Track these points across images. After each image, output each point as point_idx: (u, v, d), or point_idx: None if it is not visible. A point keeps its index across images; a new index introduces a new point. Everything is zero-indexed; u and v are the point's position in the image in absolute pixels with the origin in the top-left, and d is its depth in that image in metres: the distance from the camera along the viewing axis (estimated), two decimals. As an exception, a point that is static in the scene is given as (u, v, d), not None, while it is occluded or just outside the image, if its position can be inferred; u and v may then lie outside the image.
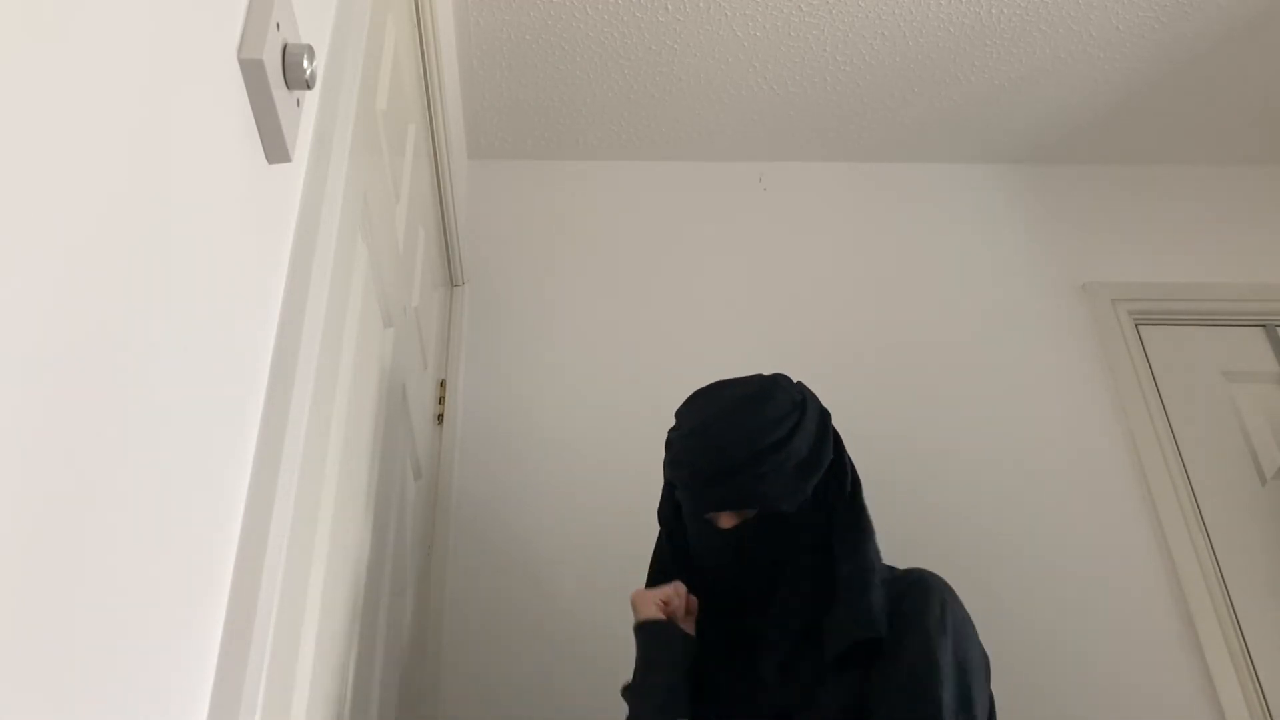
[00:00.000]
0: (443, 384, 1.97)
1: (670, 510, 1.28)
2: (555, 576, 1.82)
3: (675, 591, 1.19)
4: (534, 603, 1.80)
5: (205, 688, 0.65)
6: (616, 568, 1.83)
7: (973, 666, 1.06)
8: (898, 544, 1.28)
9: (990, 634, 1.17)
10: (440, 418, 1.94)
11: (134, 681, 0.54)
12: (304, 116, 0.86)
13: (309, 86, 0.78)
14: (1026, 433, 2.01)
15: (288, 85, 0.77)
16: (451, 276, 2.09)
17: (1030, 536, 1.89)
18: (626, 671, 1.20)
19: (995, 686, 1.13)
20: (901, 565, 1.22)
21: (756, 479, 1.12)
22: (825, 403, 1.26)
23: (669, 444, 1.23)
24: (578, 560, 1.84)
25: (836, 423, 1.26)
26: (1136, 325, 2.16)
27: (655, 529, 1.84)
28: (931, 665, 1.02)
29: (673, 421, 1.26)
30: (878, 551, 1.17)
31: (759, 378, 1.23)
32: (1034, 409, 2.04)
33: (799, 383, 1.25)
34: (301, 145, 0.87)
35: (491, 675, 1.73)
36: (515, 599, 1.80)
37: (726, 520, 1.16)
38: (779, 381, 1.22)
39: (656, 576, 1.26)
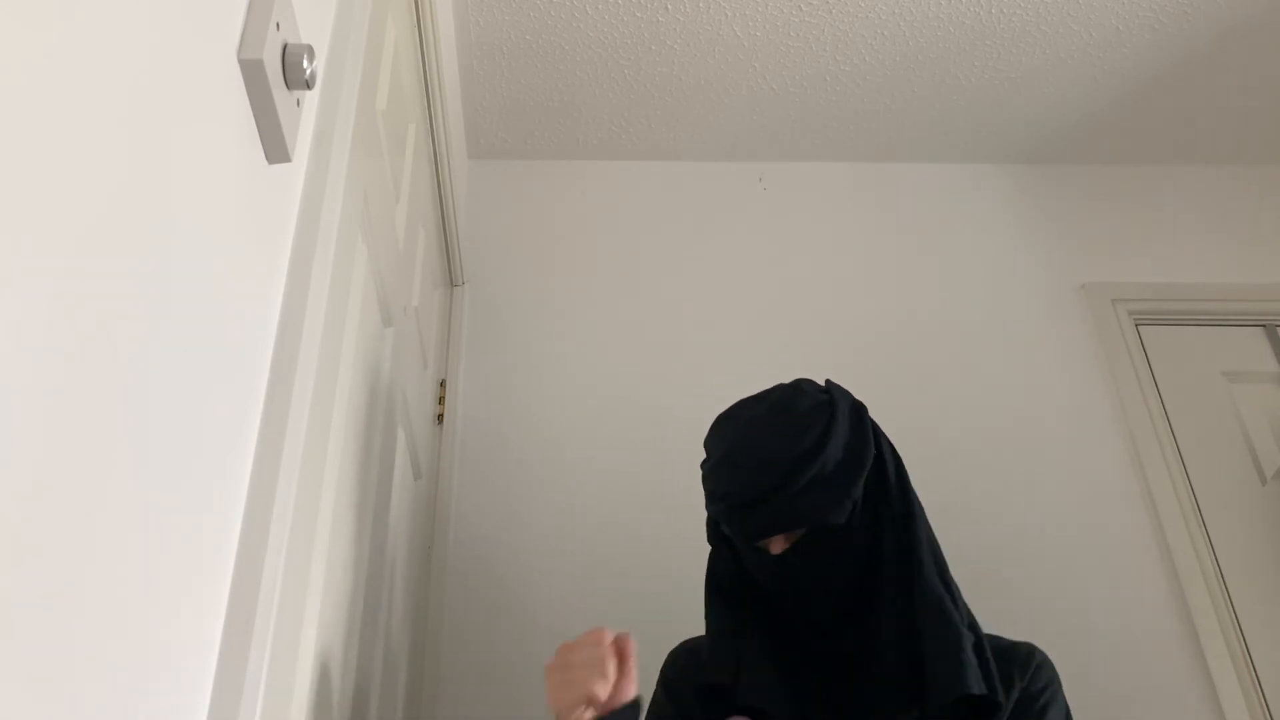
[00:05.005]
0: (443, 384, 1.97)
1: (720, 537, 1.19)
2: (555, 576, 1.82)
3: (599, 673, 1.01)
4: (533, 603, 1.80)
5: (205, 687, 0.65)
6: (616, 567, 1.83)
7: None
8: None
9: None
10: (440, 418, 1.94)
11: (134, 681, 0.54)
12: (304, 116, 0.86)
13: (309, 86, 0.78)
14: (1026, 433, 2.01)
15: (288, 85, 0.77)
16: (451, 276, 2.09)
17: (1030, 536, 1.89)
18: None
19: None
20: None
21: (796, 496, 1.04)
22: (826, 403, 1.25)
23: (703, 478, 1.15)
24: (577, 560, 1.83)
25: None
26: (1136, 325, 2.16)
27: (654, 527, 1.85)
28: None
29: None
30: (942, 562, 1.10)
31: (779, 388, 1.16)
32: (1034, 409, 2.04)
33: (827, 382, 1.18)
34: (301, 145, 0.87)
35: (491, 675, 1.73)
36: (515, 599, 1.80)
37: (777, 545, 1.08)
38: (800, 388, 1.15)
39: (718, 601, 1.17)
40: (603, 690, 1.00)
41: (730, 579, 1.16)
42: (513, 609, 1.79)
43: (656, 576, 1.80)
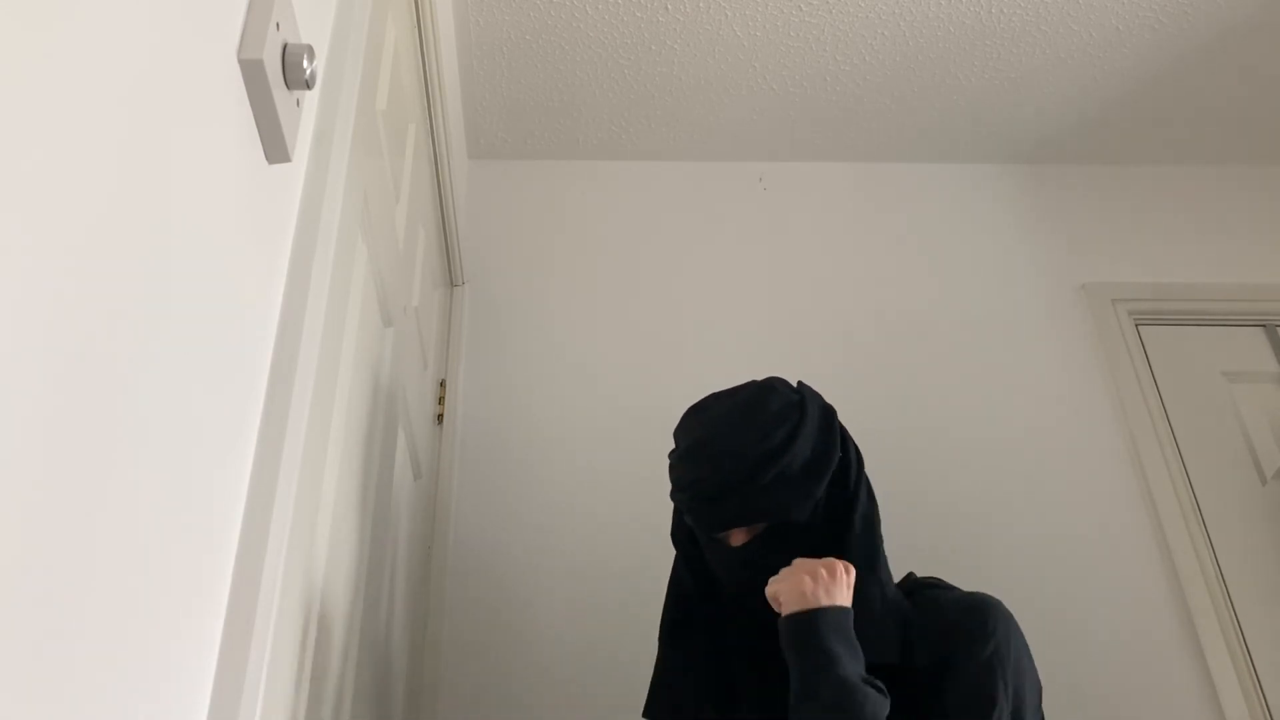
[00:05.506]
0: (443, 384, 1.97)
1: (684, 534, 1.20)
2: (555, 576, 1.82)
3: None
4: (533, 602, 1.80)
5: (205, 688, 0.65)
6: (615, 567, 1.83)
7: (1026, 696, 1.03)
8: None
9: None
10: (440, 418, 1.94)
11: (134, 681, 0.54)
12: (304, 116, 0.86)
13: (309, 86, 0.78)
14: (1026, 433, 2.01)
15: (288, 85, 0.77)
16: (451, 276, 2.09)
17: (1030, 537, 1.89)
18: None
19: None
20: (904, 568, 1.21)
21: (760, 491, 1.06)
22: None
23: (670, 468, 1.17)
24: (577, 560, 1.84)
25: (835, 424, 1.24)
26: (1136, 325, 2.16)
27: (653, 527, 1.84)
28: (988, 694, 0.99)
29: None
30: (883, 560, 1.12)
31: (751, 384, 1.18)
32: (1034, 409, 2.04)
33: (799, 383, 1.20)
34: (301, 145, 0.87)
35: (491, 674, 1.73)
36: (514, 598, 1.80)
37: (737, 538, 1.10)
38: (773, 385, 1.16)
39: (675, 604, 1.19)
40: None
41: (687, 598, 1.18)
42: (513, 609, 1.79)
43: (656, 576, 1.79)
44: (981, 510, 1.91)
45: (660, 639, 1.20)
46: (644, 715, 1.15)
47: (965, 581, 1.19)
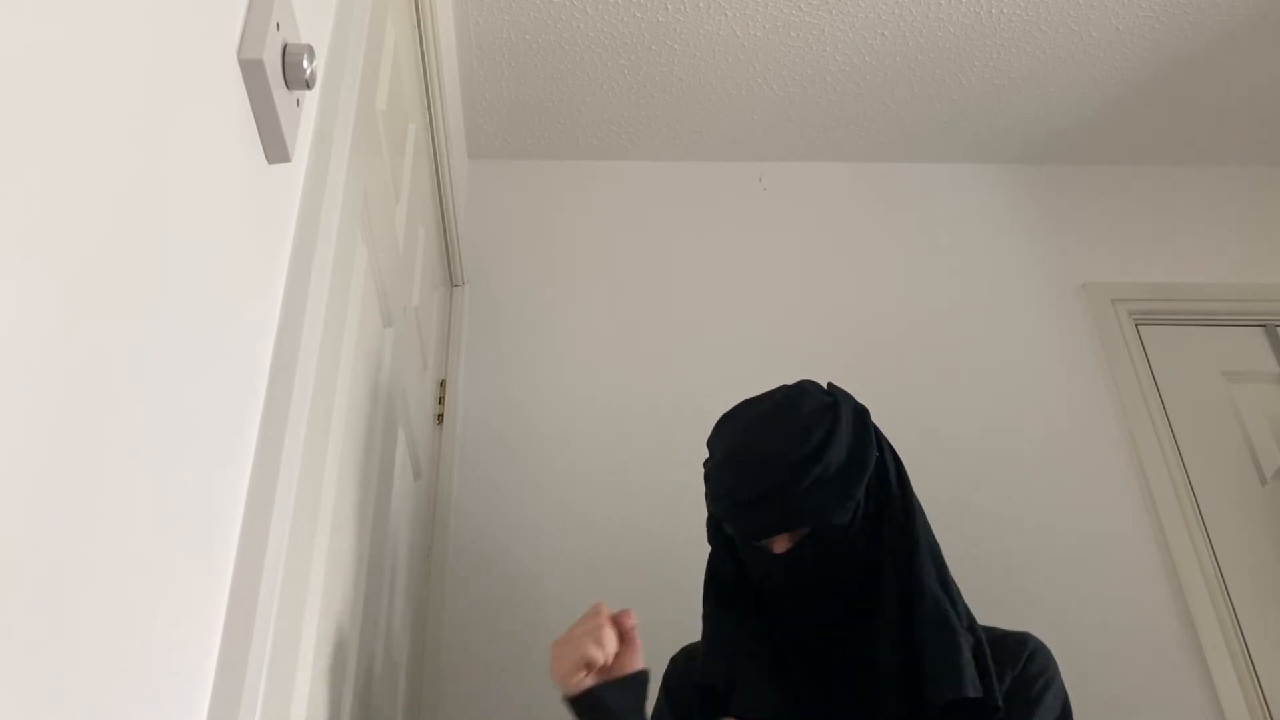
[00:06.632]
0: (443, 384, 1.97)
1: (720, 538, 1.19)
2: (555, 576, 1.82)
3: (595, 640, 1.04)
4: (534, 603, 1.80)
5: (205, 688, 0.65)
6: (616, 567, 1.83)
7: None
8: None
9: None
10: (440, 418, 1.94)
11: (134, 682, 0.54)
12: (304, 116, 0.86)
13: (309, 86, 0.78)
14: (1026, 433, 2.01)
15: (288, 85, 0.77)
16: (451, 276, 2.09)
17: (1029, 536, 1.89)
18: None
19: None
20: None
21: (800, 495, 1.05)
22: (825, 403, 1.25)
23: (706, 477, 1.15)
24: (577, 560, 1.84)
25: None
26: (1136, 325, 2.16)
27: (653, 526, 1.85)
28: None
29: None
30: (942, 564, 1.11)
31: (783, 389, 1.17)
32: (1034, 409, 2.04)
33: (829, 385, 1.19)
34: (301, 145, 0.87)
35: (491, 675, 1.73)
36: (515, 599, 1.80)
37: (780, 544, 1.08)
38: (805, 389, 1.15)
39: (717, 602, 1.17)
40: (598, 655, 1.04)
41: (729, 581, 1.16)
42: (513, 608, 1.80)
43: (656, 575, 1.80)
44: (981, 510, 1.91)
45: (706, 610, 1.17)
46: (702, 679, 1.11)
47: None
